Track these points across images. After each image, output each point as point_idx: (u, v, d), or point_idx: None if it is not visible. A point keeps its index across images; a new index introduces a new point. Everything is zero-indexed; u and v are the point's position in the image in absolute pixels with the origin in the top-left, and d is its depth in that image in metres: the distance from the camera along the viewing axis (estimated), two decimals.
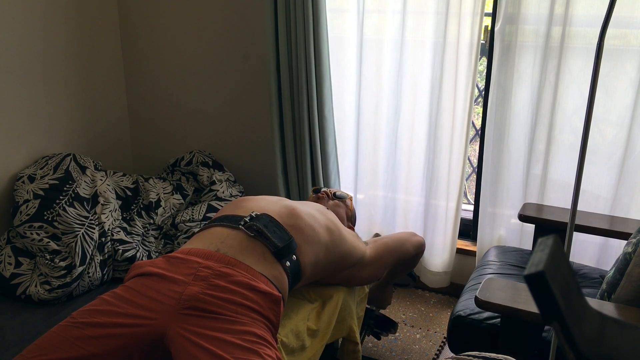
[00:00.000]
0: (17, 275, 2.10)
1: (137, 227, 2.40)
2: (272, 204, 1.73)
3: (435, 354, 2.35)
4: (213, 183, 2.63)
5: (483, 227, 2.58)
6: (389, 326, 2.24)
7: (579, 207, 1.81)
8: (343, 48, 2.60)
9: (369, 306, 2.22)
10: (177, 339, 1.33)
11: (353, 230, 2.09)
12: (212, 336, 1.32)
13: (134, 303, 1.40)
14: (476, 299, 1.58)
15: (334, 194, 2.13)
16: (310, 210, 1.77)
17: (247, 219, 1.61)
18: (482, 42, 2.41)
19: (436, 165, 2.59)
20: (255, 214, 1.64)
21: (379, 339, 2.33)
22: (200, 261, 1.47)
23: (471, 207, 2.81)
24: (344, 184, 2.77)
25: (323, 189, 2.15)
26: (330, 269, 1.79)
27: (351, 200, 2.17)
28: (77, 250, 2.14)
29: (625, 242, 1.88)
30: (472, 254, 2.71)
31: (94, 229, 2.24)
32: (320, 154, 2.56)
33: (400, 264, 2.10)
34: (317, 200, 2.08)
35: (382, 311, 2.31)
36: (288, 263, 1.58)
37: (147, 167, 3.05)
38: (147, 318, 1.37)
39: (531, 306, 1.52)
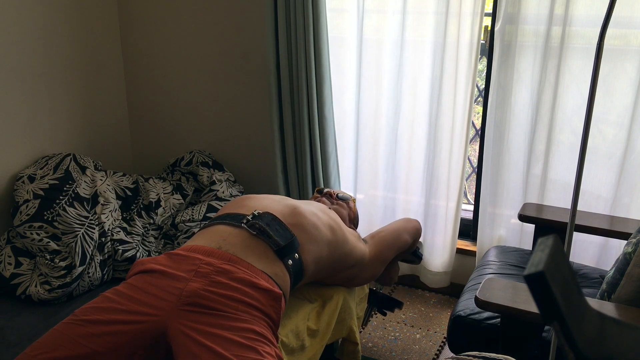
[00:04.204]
0: (17, 275, 2.10)
1: (137, 227, 2.40)
2: (274, 203, 1.74)
3: (435, 354, 2.35)
4: (213, 183, 2.63)
5: (483, 227, 2.58)
6: (394, 305, 2.24)
7: (579, 207, 1.82)
8: (343, 48, 2.60)
9: (373, 287, 2.23)
10: (178, 336, 1.34)
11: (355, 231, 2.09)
12: (212, 333, 1.32)
13: (136, 300, 1.40)
14: (476, 299, 1.58)
15: (337, 195, 2.13)
16: (313, 209, 1.78)
17: (249, 217, 1.62)
18: (482, 42, 2.41)
19: (436, 165, 2.59)
20: (258, 212, 1.65)
21: (384, 315, 2.36)
22: (201, 258, 1.48)
23: (471, 207, 2.82)
24: (344, 184, 2.77)
25: (326, 190, 2.15)
26: (331, 269, 1.80)
27: (354, 202, 2.17)
28: (77, 250, 2.14)
29: (625, 242, 1.88)
30: (472, 254, 2.71)
31: (94, 229, 2.24)
32: (320, 154, 2.56)
33: (400, 254, 2.14)
34: (319, 200, 2.08)
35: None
36: (290, 261, 1.59)
37: (147, 167, 3.05)
38: (148, 315, 1.37)
39: (531, 306, 1.52)
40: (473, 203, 2.76)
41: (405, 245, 2.10)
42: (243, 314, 1.39)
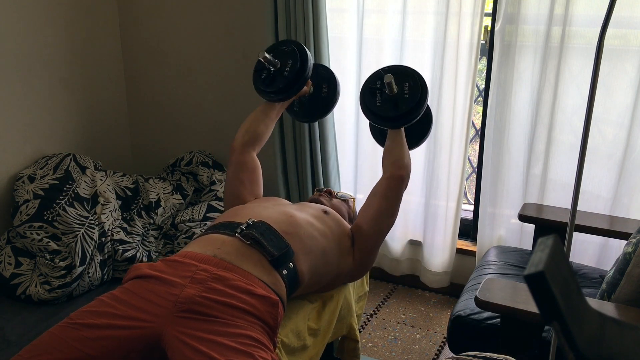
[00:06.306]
0: (17, 275, 2.10)
1: (137, 227, 2.40)
2: (269, 210, 1.72)
3: (435, 354, 2.35)
4: (213, 183, 2.63)
5: (483, 227, 2.58)
6: None
7: (579, 207, 1.81)
8: (343, 48, 2.60)
9: None
10: (173, 342, 1.33)
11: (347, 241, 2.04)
12: (208, 339, 1.32)
13: (132, 305, 1.40)
14: (476, 299, 1.58)
15: (337, 194, 2.13)
16: (308, 217, 1.75)
17: (243, 227, 1.60)
18: (482, 42, 2.41)
19: (436, 165, 2.59)
20: (252, 221, 1.62)
21: None
22: (197, 264, 1.47)
23: (471, 207, 2.81)
24: (344, 184, 2.77)
25: (326, 188, 2.15)
26: (327, 278, 1.77)
27: (354, 201, 2.16)
28: (77, 250, 2.14)
29: (625, 242, 1.88)
30: (472, 254, 2.71)
31: (94, 229, 2.24)
32: (320, 154, 2.56)
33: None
34: (319, 197, 2.06)
35: None
36: (285, 271, 1.57)
37: (147, 167, 3.05)
38: (144, 320, 1.37)
39: (531, 306, 1.52)
40: (473, 203, 2.76)
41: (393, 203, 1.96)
42: (239, 320, 1.38)
